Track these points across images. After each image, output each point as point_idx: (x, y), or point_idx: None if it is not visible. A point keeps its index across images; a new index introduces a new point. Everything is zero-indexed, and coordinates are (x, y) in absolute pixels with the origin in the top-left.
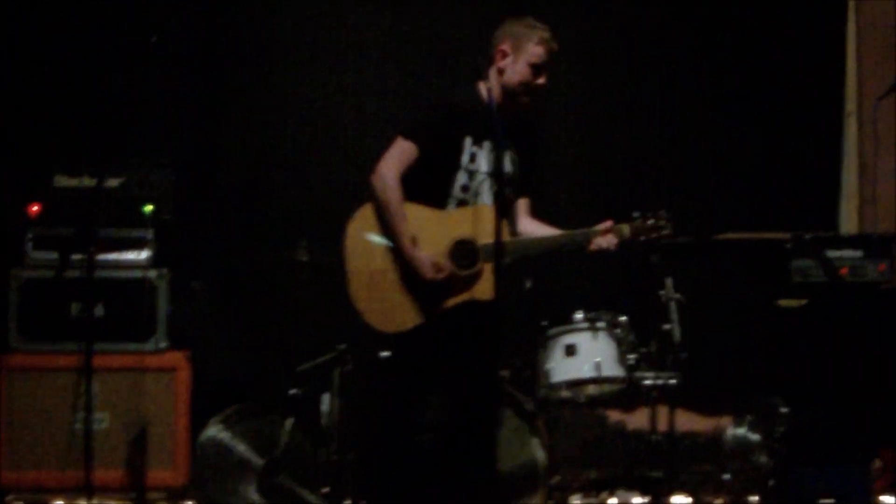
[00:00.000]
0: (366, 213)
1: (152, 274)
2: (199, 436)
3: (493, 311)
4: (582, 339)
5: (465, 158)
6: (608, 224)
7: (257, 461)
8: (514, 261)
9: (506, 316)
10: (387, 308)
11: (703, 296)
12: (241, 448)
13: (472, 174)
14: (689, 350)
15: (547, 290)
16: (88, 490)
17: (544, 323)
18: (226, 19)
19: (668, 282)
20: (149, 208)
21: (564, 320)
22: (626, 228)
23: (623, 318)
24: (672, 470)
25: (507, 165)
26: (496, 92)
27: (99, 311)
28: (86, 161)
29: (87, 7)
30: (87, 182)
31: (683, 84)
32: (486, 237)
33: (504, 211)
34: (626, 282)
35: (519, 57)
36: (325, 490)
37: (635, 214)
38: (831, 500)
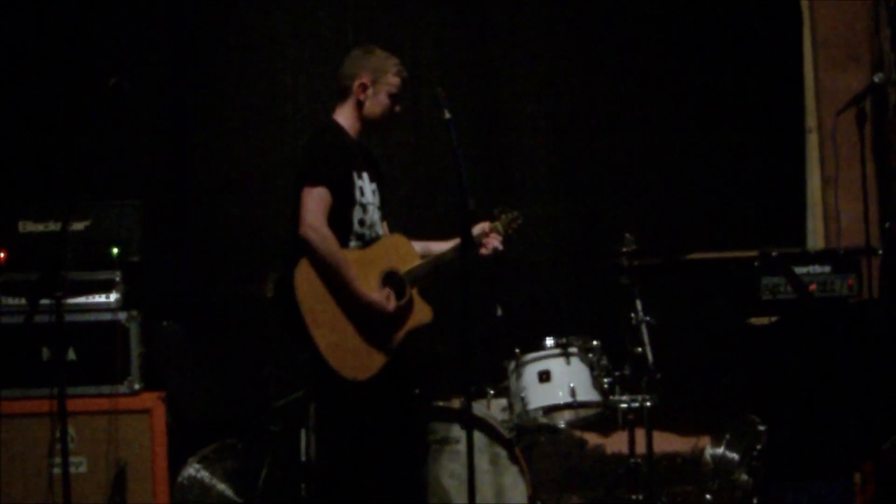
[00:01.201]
0: (306, 269)
1: (122, 316)
2: (177, 476)
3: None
4: (555, 365)
5: (356, 193)
6: (485, 225)
7: (237, 499)
8: (427, 278)
9: (475, 343)
10: (355, 356)
11: (674, 316)
12: (221, 486)
13: (364, 207)
14: (663, 371)
15: (518, 317)
16: None
17: (517, 350)
18: (188, 57)
19: (639, 304)
20: (115, 250)
21: (537, 346)
22: (500, 226)
23: (595, 343)
24: (653, 492)
25: (371, 195)
26: (354, 123)
27: (70, 355)
28: (51, 206)
29: (46, 52)
30: (53, 227)
31: (646, 107)
32: (406, 264)
33: (467, 221)
34: (597, 305)
35: (379, 89)
36: None
37: (496, 211)
38: None
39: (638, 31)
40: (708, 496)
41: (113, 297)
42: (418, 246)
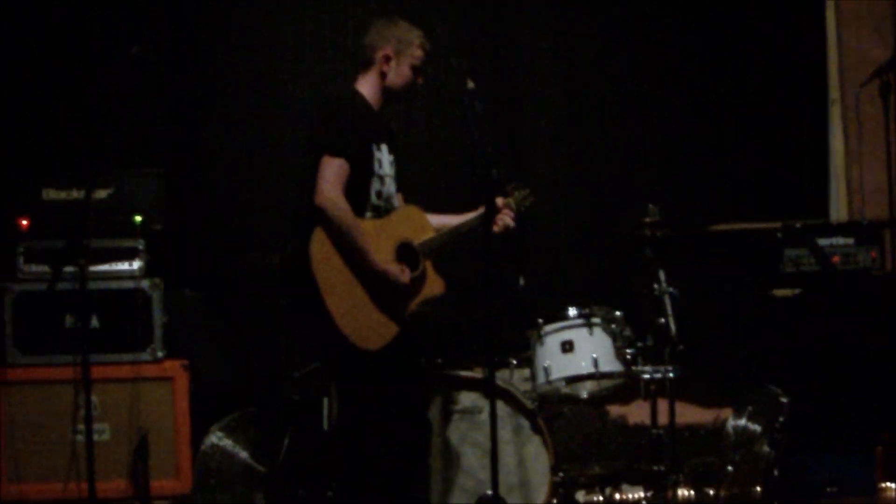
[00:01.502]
0: (321, 239)
1: (145, 284)
2: (200, 444)
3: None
4: (578, 336)
5: (375, 165)
6: (499, 201)
7: (260, 468)
8: (441, 251)
9: (498, 313)
10: (368, 326)
11: (697, 288)
12: (244, 455)
13: (382, 179)
14: (685, 343)
15: (540, 287)
16: (92, 502)
17: (539, 320)
18: (209, 25)
19: (662, 275)
20: (138, 218)
21: (559, 317)
22: (513, 202)
23: (618, 313)
24: (675, 463)
25: (389, 167)
26: (376, 94)
27: (94, 322)
28: (74, 173)
29: (69, 20)
30: (76, 194)
31: (669, 78)
32: (420, 235)
33: (491, 190)
34: (620, 276)
35: (402, 60)
36: (329, 493)
37: (509, 187)
38: (835, 488)
39: (660, 3)
40: (730, 467)
41: (136, 264)
42: (434, 219)
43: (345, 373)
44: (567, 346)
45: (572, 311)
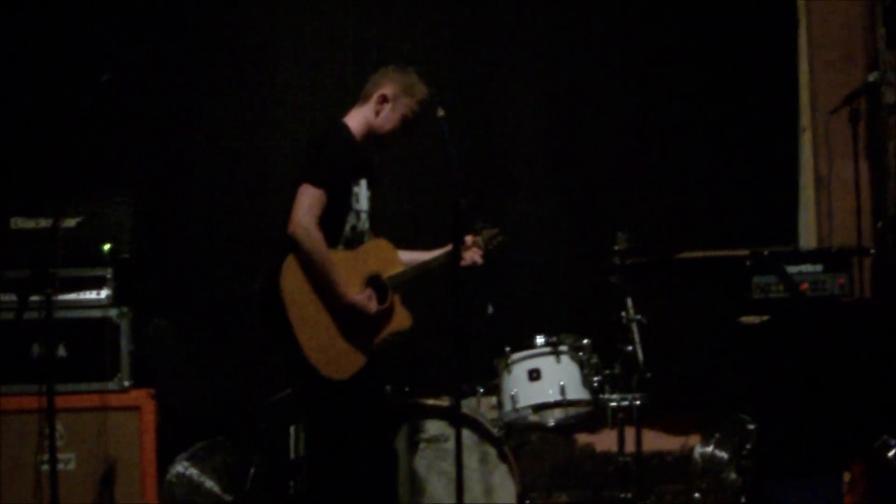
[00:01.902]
0: (292, 267)
1: (113, 312)
2: (166, 473)
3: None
4: (545, 364)
5: (353, 200)
6: (468, 238)
7: (226, 497)
8: (409, 285)
9: (466, 341)
10: (336, 356)
11: (665, 315)
12: (210, 483)
13: (358, 214)
14: (653, 370)
15: (509, 315)
16: None
17: (507, 348)
18: (184, 53)
19: (629, 302)
20: (107, 247)
21: (527, 345)
22: (480, 241)
23: (585, 341)
24: (642, 491)
25: (365, 202)
26: (362, 130)
27: (61, 351)
28: (42, 202)
29: (38, 46)
30: (45, 223)
31: (638, 105)
32: (390, 269)
33: (460, 219)
34: (587, 304)
35: (397, 107)
36: None
37: (478, 225)
38: None
39: (633, 30)
40: (697, 495)
41: (104, 293)
42: (406, 255)
43: (313, 402)
44: (534, 374)
45: (540, 339)
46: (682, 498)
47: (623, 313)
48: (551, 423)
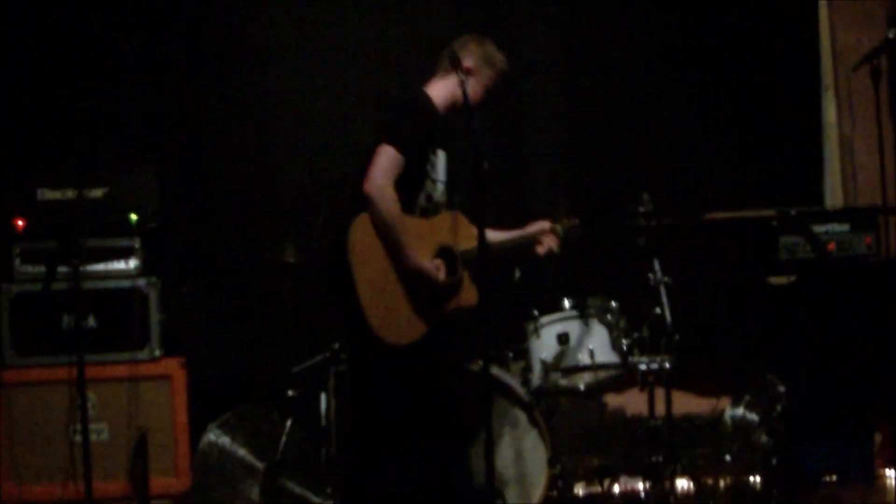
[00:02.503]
0: (363, 224)
1: (142, 282)
2: (198, 441)
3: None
4: (574, 327)
5: (430, 169)
6: (546, 224)
7: (258, 464)
8: (481, 265)
9: (494, 307)
10: (397, 320)
11: (692, 276)
12: (242, 452)
13: (435, 184)
14: (681, 332)
15: (536, 279)
16: (90, 502)
17: (535, 312)
18: (204, 21)
19: (656, 265)
20: (134, 217)
21: (555, 308)
22: (559, 229)
23: (614, 304)
24: (673, 454)
25: (443, 173)
26: (444, 101)
27: (90, 322)
28: (68, 173)
29: (65, 20)
30: (71, 194)
31: (663, 68)
32: (463, 243)
33: (481, 181)
34: (614, 266)
35: (479, 78)
36: (328, 490)
37: (558, 212)
38: (834, 476)
39: None
40: (727, 457)
41: (132, 263)
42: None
43: (366, 365)
44: (563, 338)
45: (567, 303)
46: (712, 460)
47: (650, 275)
48: (581, 386)
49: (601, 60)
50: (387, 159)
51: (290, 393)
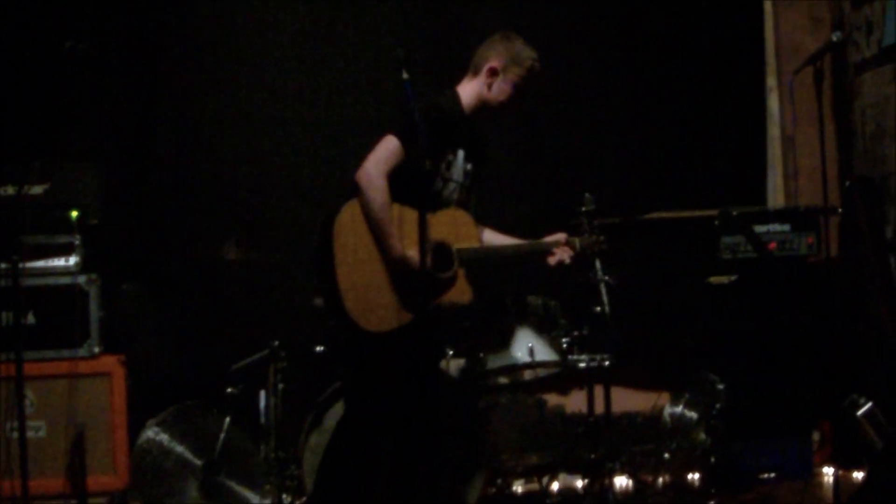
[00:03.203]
0: (352, 208)
1: (82, 279)
2: (136, 439)
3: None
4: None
5: (442, 166)
6: (562, 237)
7: (196, 461)
8: (481, 264)
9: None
10: (375, 307)
11: (634, 276)
12: (180, 449)
13: (445, 182)
14: (622, 330)
15: (476, 278)
16: (25, 499)
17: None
18: (150, 17)
19: (598, 263)
20: (74, 214)
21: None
22: (577, 243)
23: (554, 303)
24: (612, 451)
25: (460, 173)
26: (473, 102)
27: (30, 319)
28: (8, 169)
29: (3, 12)
30: (11, 190)
31: (606, 67)
32: (461, 241)
33: (425, 182)
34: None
35: (507, 77)
36: (267, 487)
37: (582, 228)
38: (772, 474)
39: None
40: (666, 455)
41: (72, 260)
42: (495, 236)
43: (349, 353)
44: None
45: (507, 302)
46: (651, 458)
47: (591, 274)
48: (520, 383)
49: (546, 61)
50: (384, 149)
51: (229, 390)
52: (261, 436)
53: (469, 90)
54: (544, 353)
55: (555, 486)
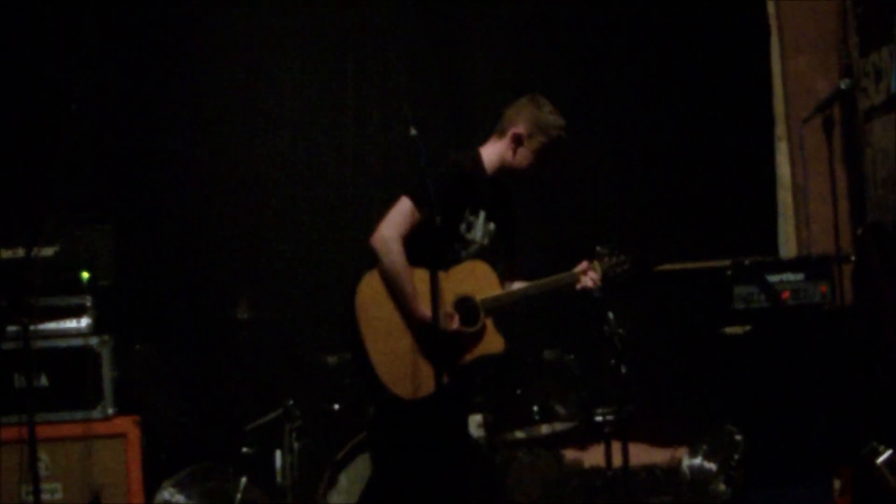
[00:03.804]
0: (372, 278)
1: (94, 341)
2: (152, 500)
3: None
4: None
5: (463, 227)
6: (585, 264)
7: None
8: (508, 311)
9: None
10: (408, 374)
11: (648, 327)
12: None
13: (466, 243)
14: (638, 383)
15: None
16: None
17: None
18: (161, 76)
19: (611, 316)
20: (86, 275)
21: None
22: (598, 266)
23: (570, 357)
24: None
25: (481, 234)
26: (495, 163)
27: (42, 380)
28: (19, 231)
29: (10, 71)
30: (21, 252)
31: (616, 118)
32: (483, 292)
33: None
34: (570, 319)
35: (531, 144)
36: None
37: (599, 249)
38: None
39: (608, 39)
40: None
41: (84, 322)
42: (519, 285)
43: (378, 419)
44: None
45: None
46: None
47: (605, 327)
48: (537, 437)
49: (555, 106)
50: (398, 212)
51: (244, 450)
52: (277, 495)
53: (493, 152)
54: (561, 408)
55: None
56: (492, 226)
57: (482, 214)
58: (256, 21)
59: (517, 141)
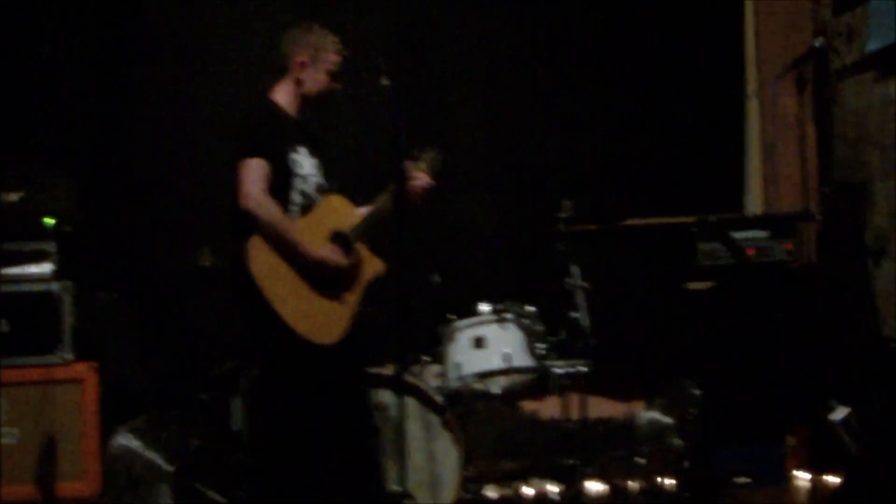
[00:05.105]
0: (257, 243)
1: (56, 286)
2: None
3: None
4: (490, 331)
5: (295, 166)
6: (409, 165)
7: (168, 467)
8: (373, 232)
9: (411, 310)
10: (322, 321)
11: (611, 282)
12: (151, 455)
13: (305, 178)
14: (598, 336)
15: (453, 284)
16: None
17: (451, 316)
18: (126, 23)
19: (574, 269)
20: (50, 221)
21: (471, 313)
22: (424, 164)
23: (531, 309)
24: (586, 456)
25: (311, 168)
26: (293, 101)
27: (3, 326)
28: None
29: None
30: None
31: (583, 73)
32: (349, 223)
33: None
34: (533, 271)
35: (319, 67)
36: (239, 493)
37: (415, 152)
38: (746, 479)
39: None
40: (640, 460)
41: (46, 267)
42: (365, 210)
43: (285, 371)
44: (479, 342)
45: (484, 307)
46: (625, 463)
47: (568, 280)
48: (496, 390)
49: (522, 67)
50: (249, 171)
51: (201, 397)
52: (233, 442)
53: (285, 92)
54: (521, 359)
55: (528, 491)
56: (316, 160)
57: (303, 150)
58: None
59: (303, 67)
